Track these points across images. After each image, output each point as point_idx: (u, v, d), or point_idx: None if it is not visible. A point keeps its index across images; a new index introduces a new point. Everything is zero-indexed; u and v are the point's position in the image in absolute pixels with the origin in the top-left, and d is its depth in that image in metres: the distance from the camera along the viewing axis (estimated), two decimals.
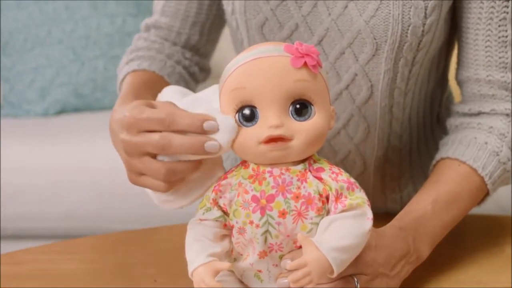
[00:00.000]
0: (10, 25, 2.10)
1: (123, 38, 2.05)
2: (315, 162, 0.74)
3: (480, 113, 0.97)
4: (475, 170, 0.92)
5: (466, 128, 0.97)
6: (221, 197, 0.74)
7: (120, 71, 1.05)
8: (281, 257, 0.73)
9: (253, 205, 0.72)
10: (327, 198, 0.72)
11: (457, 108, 1.00)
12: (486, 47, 0.95)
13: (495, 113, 0.96)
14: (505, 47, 0.95)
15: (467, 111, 0.98)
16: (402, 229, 0.85)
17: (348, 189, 0.73)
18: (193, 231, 0.74)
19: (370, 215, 0.73)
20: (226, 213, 0.74)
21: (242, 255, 0.75)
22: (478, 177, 0.93)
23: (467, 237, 1.01)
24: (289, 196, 0.71)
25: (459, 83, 1.01)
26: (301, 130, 0.71)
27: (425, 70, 1.00)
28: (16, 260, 0.96)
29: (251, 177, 0.73)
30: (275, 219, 0.71)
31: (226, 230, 0.74)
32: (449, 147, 0.95)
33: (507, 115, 0.96)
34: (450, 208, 0.90)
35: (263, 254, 0.73)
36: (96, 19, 2.09)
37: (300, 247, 0.71)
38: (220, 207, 0.74)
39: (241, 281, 0.77)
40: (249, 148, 0.72)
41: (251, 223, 0.72)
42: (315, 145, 0.73)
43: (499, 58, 0.95)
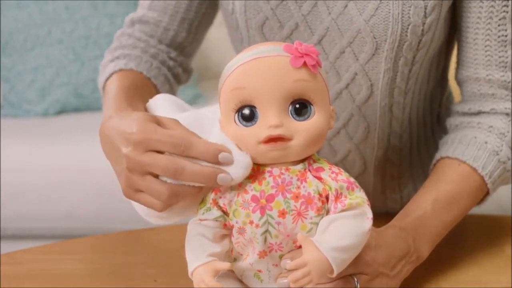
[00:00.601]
0: (10, 25, 2.10)
1: None
2: (314, 162, 0.74)
3: (480, 113, 0.97)
4: (475, 170, 0.92)
5: (466, 127, 0.97)
6: (221, 197, 0.73)
7: (104, 67, 1.02)
8: (281, 257, 0.73)
9: (253, 205, 0.71)
10: (326, 197, 0.72)
11: (457, 108, 1.00)
12: (485, 46, 0.95)
13: (495, 113, 0.96)
14: (505, 46, 0.95)
15: (467, 110, 0.98)
16: (402, 229, 0.85)
17: (347, 188, 0.72)
18: (193, 231, 0.74)
19: (370, 214, 0.73)
20: (226, 213, 0.74)
21: (242, 255, 0.75)
22: (478, 177, 0.92)
23: (467, 237, 1.01)
24: (288, 196, 0.71)
25: (459, 82, 1.01)
26: (301, 130, 0.71)
27: (425, 70, 1.00)
28: (16, 260, 0.96)
29: (251, 177, 0.72)
30: (275, 219, 0.71)
31: (226, 230, 0.74)
32: (449, 147, 0.95)
33: (507, 114, 0.96)
34: (450, 208, 0.90)
35: (263, 254, 0.73)
36: (96, 19, 2.09)
37: (300, 247, 0.71)
38: (220, 207, 0.74)
39: (241, 281, 0.76)
40: (248, 148, 0.72)
41: (251, 223, 0.72)
42: (315, 145, 0.73)
43: (499, 57, 0.95)
